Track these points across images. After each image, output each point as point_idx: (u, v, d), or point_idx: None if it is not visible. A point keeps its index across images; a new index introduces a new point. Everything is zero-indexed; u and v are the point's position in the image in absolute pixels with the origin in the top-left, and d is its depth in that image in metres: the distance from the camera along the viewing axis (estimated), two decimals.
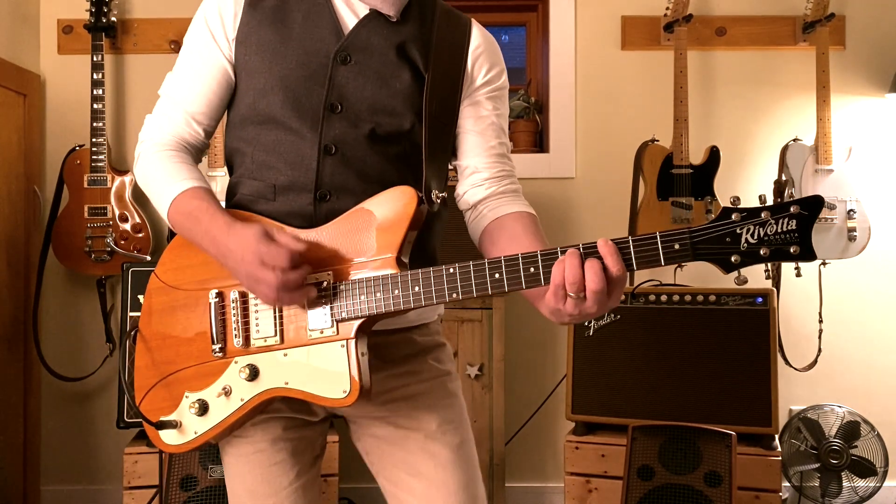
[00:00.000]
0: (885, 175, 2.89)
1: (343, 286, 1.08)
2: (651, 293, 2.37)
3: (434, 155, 1.19)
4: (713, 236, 0.97)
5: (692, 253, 0.97)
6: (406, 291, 1.06)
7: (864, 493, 2.69)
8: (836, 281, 2.83)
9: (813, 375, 2.80)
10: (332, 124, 1.16)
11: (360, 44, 1.18)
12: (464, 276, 1.04)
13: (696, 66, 2.89)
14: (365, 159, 1.16)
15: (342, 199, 1.14)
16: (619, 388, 2.34)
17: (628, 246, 0.98)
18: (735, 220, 0.96)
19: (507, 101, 1.30)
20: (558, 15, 2.92)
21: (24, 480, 2.74)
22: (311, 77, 1.17)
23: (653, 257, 0.97)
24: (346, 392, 1.06)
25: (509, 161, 1.28)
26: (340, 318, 1.08)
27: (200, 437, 1.15)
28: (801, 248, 0.94)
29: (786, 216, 0.94)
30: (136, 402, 1.20)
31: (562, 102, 2.92)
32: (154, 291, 1.21)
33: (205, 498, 2.10)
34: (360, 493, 2.80)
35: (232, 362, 1.13)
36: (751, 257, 0.96)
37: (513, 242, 1.17)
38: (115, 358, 2.72)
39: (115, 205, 2.71)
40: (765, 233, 0.95)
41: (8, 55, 2.66)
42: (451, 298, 1.05)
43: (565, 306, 1.00)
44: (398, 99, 1.18)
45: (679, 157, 2.65)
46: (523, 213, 1.23)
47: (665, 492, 2.11)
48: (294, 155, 1.16)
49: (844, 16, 2.88)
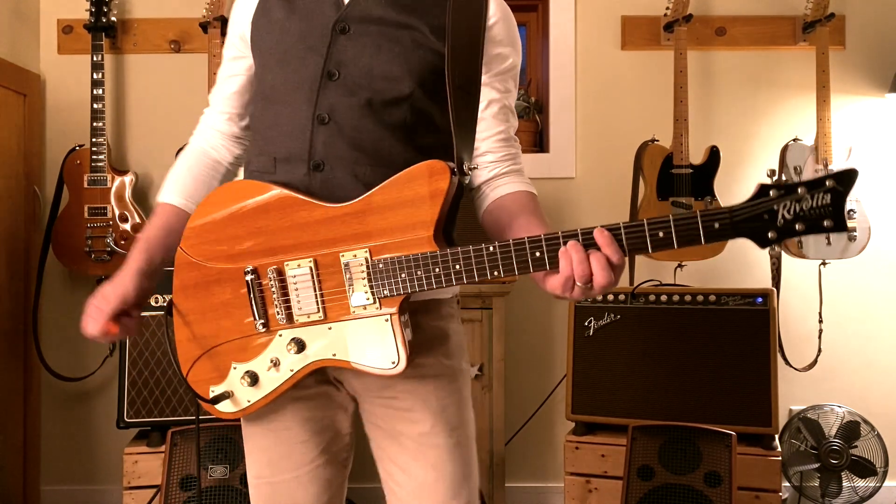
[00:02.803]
0: (885, 175, 2.89)
1: (381, 263, 1.09)
2: (651, 293, 2.37)
3: (462, 125, 1.18)
4: (753, 214, 0.98)
5: (732, 230, 0.98)
6: (447, 270, 1.07)
7: (864, 493, 2.69)
8: (836, 281, 2.83)
9: (813, 375, 2.80)
10: (327, 93, 1.17)
11: (358, 13, 1.19)
12: (504, 254, 1.05)
13: (696, 66, 2.89)
14: (359, 128, 1.16)
15: (336, 169, 1.15)
16: (619, 388, 2.34)
17: (669, 225, 0.99)
18: (773, 197, 0.97)
19: (517, 78, 1.29)
20: (558, 15, 2.92)
21: (24, 480, 2.74)
22: (311, 48, 1.19)
23: (693, 236, 0.99)
24: (394, 363, 1.10)
25: (514, 142, 1.30)
26: (382, 295, 1.10)
27: (253, 405, 1.18)
28: (835, 222, 0.96)
29: (821, 191, 0.96)
30: (184, 373, 1.22)
31: (562, 102, 2.92)
32: (182, 266, 1.21)
33: (205, 498, 2.10)
34: (361, 493, 2.80)
35: (276, 335, 1.15)
36: (787, 233, 0.98)
37: (513, 220, 1.19)
38: (115, 358, 2.72)
39: (115, 205, 2.71)
40: (801, 208, 0.96)
41: (8, 55, 2.66)
42: (493, 277, 1.06)
43: (573, 293, 1.04)
44: (395, 63, 1.17)
45: (679, 157, 2.65)
46: (522, 192, 1.25)
47: (665, 492, 2.11)
48: (290, 126, 1.18)
49: (844, 16, 2.88)
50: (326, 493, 1.27)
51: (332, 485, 1.28)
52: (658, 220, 1.00)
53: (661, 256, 2.66)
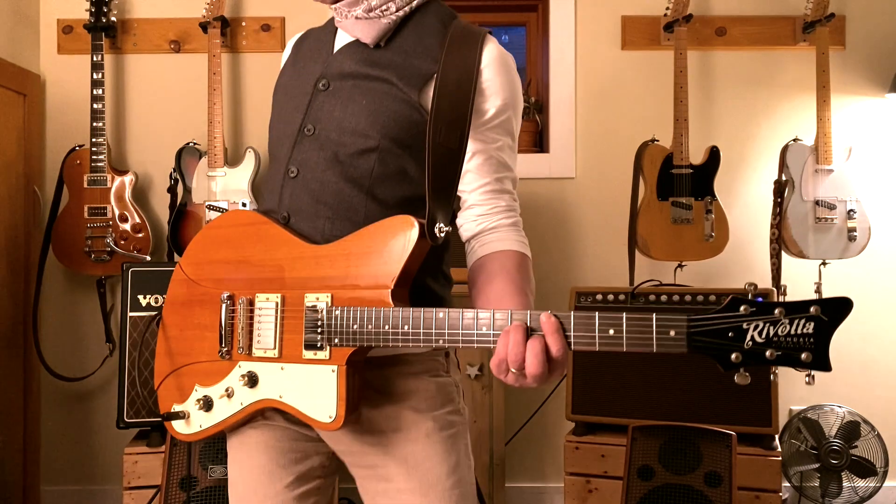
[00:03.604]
0: (885, 175, 2.89)
1: (338, 311, 1.06)
2: (651, 293, 2.37)
3: (440, 181, 1.12)
4: (714, 329, 0.87)
5: (687, 343, 0.88)
6: (396, 330, 1.02)
7: (864, 493, 2.69)
8: (836, 281, 2.83)
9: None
10: (301, 148, 1.19)
11: (335, 70, 1.20)
12: (452, 323, 1.00)
13: (696, 66, 2.89)
14: (322, 181, 1.15)
15: (301, 221, 1.16)
16: (619, 388, 2.34)
17: (621, 323, 0.91)
18: (743, 314, 0.86)
19: (511, 128, 1.21)
20: (558, 15, 2.92)
21: (24, 480, 2.74)
22: (296, 107, 1.21)
23: (645, 341, 0.90)
24: (331, 417, 1.06)
25: (507, 195, 1.21)
26: (334, 344, 1.06)
27: (205, 431, 1.19)
28: (815, 357, 0.82)
29: (802, 317, 0.83)
30: (155, 386, 1.24)
31: (562, 102, 2.92)
32: (177, 282, 1.24)
33: (205, 498, 2.10)
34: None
35: (236, 366, 1.15)
36: (754, 358, 0.85)
37: (486, 286, 1.13)
38: (114, 358, 2.72)
39: (114, 205, 2.71)
40: (775, 332, 0.84)
41: (8, 55, 2.66)
42: (437, 346, 1.01)
43: (506, 378, 0.99)
44: (362, 116, 1.15)
45: (679, 157, 2.65)
46: (508, 253, 1.17)
47: (665, 492, 2.11)
48: (272, 182, 1.22)
49: (844, 16, 2.88)
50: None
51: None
52: (610, 316, 0.91)
53: (661, 256, 2.66)
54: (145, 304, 2.35)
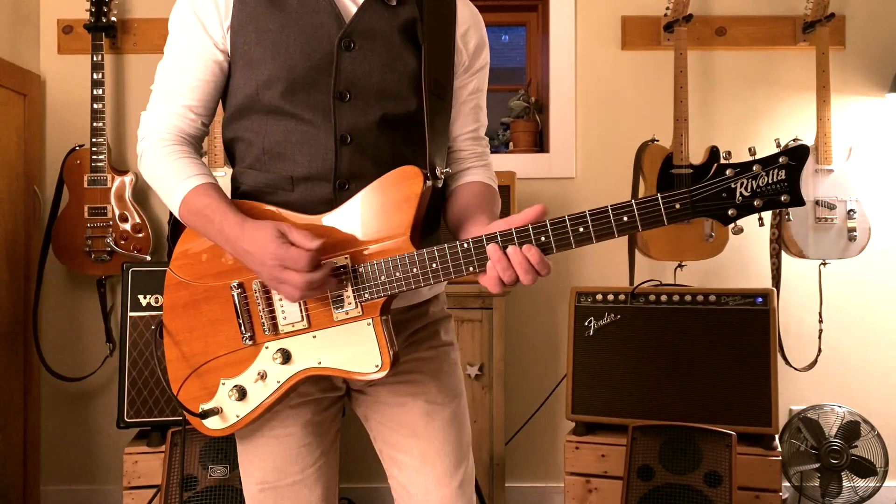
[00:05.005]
0: (885, 175, 2.89)
1: (362, 268, 1.12)
2: (651, 293, 2.37)
3: (436, 132, 1.22)
4: (711, 193, 1.03)
5: (692, 210, 1.02)
6: (424, 269, 1.10)
7: (864, 493, 2.69)
8: (836, 281, 2.83)
9: (813, 375, 2.80)
10: (343, 113, 1.18)
11: (363, 29, 1.19)
12: (478, 249, 1.08)
13: (696, 66, 2.89)
14: (378, 145, 1.19)
15: (360, 187, 1.16)
16: (619, 388, 2.34)
17: (632, 207, 1.03)
18: (729, 176, 1.02)
19: (486, 75, 1.35)
20: (558, 15, 2.92)
21: (24, 480, 2.74)
22: (316, 66, 1.17)
23: (656, 218, 1.03)
24: (377, 366, 1.12)
25: (482, 140, 1.36)
26: (364, 299, 1.12)
27: (242, 420, 1.19)
28: (791, 196, 1.01)
29: (775, 167, 1.01)
30: (175, 393, 1.24)
31: (562, 102, 2.92)
32: (171, 287, 1.23)
33: (205, 498, 2.10)
34: (360, 493, 2.80)
35: (263, 348, 1.17)
36: (746, 209, 1.02)
37: (460, 214, 1.24)
38: (115, 358, 2.72)
39: (115, 205, 2.71)
40: (757, 185, 1.02)
41: (8, 55, 2.66)
42: (469, 272, 1.10)
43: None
44: (404, 82, 1.21)
45: (679, 157, 2.65)
46: (474, 184, 1.30)
47: (665, 492, 2.11)
48: (311, 146, 1.18)
49: (844, 16, 2.88)
50: (329, 491, 1.30)
51: (331, 482, 1.31)
52: (622, 204, 1.04)
53: (662, 256, 2.66)
54: (145, 303, 2.35)
